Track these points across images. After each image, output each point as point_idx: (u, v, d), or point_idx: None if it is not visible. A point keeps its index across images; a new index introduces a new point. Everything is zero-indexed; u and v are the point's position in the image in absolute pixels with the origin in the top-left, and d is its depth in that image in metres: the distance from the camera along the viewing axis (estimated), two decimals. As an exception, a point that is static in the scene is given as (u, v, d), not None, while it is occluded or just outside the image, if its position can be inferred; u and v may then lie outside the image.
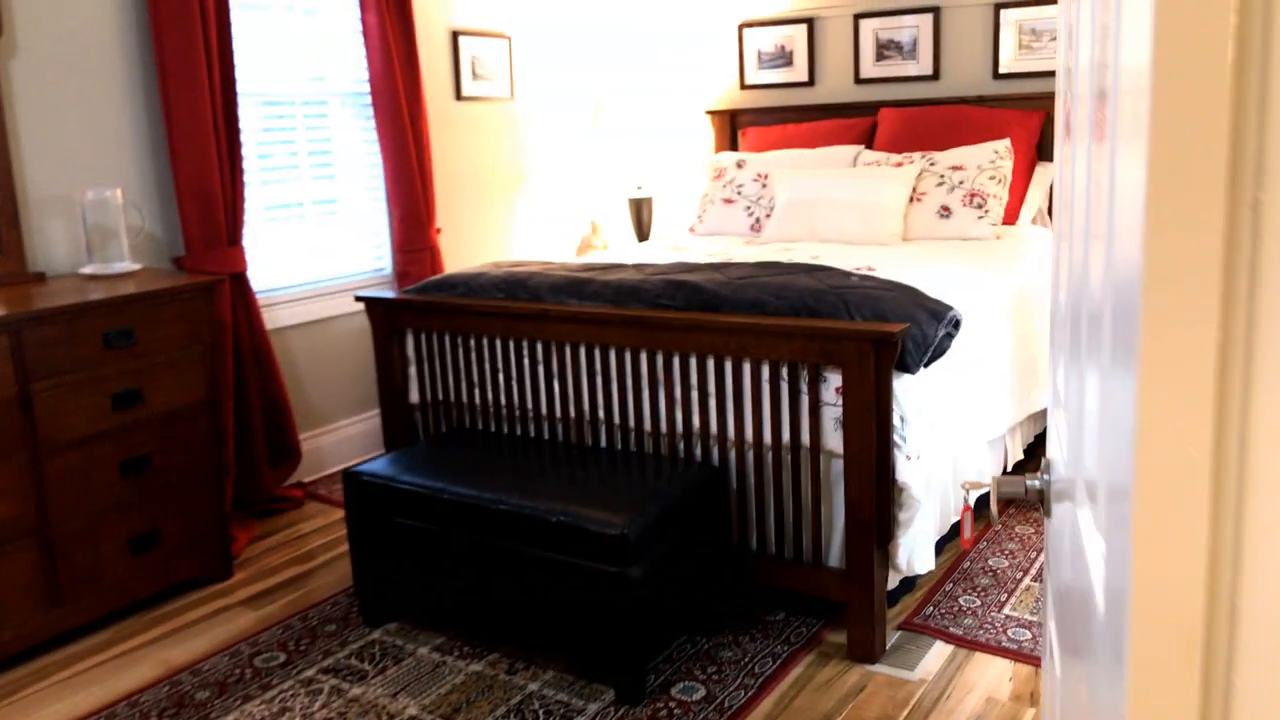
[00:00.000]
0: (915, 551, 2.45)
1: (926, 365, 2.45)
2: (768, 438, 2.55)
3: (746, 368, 2.55)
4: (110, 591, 2.82)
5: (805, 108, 4.66)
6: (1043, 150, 4.10)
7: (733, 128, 4.88)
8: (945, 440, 2.53)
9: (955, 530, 2.73)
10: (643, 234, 5.02)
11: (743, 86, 4.89)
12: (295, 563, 3.27)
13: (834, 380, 2.43)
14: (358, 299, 3.26)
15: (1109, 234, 0.68)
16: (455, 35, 4.48)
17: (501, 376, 3.02)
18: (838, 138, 4.36)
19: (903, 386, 2.40)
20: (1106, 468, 0.67)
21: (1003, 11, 4.15)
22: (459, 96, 4.53)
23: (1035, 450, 3.81)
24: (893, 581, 2.55)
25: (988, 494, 2.72)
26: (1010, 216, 3.92)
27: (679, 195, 5.18)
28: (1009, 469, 3.22)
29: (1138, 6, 0.58)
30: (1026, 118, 4.01)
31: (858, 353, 2.34)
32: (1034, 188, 4.04)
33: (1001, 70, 4.20)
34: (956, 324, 2.55)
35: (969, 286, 3.06)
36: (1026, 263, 3.51)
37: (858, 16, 4.49)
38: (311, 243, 3.99)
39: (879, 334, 2.31)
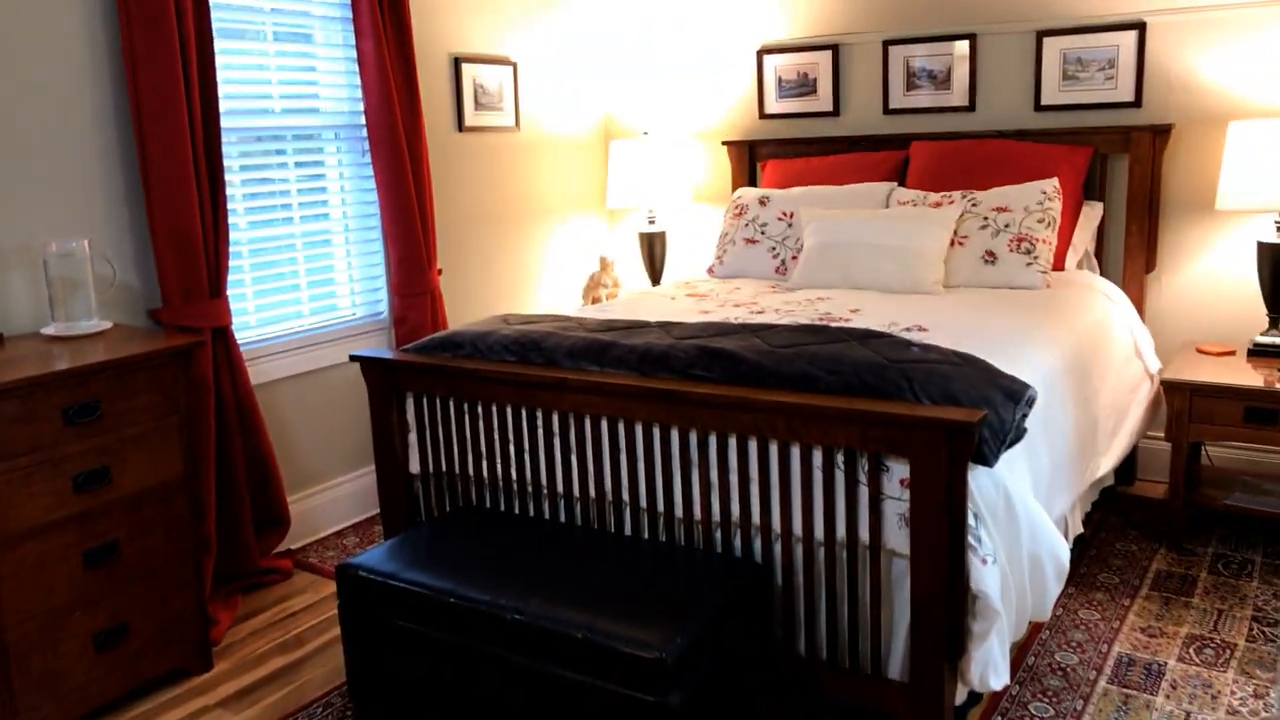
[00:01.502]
0: (990, 665, 2.15)
1: (1002, 454, 2.15)
2: (819, 532, 2.25)
3: (795, 452, 2.25)
4: (72, 697, 2.49)
5: (830, 139, 4.37)
6: (1089, 189, 3.82)
7: (751, 160, 4.59)
8: (1021, 533, 2.22)
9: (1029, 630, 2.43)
10: (655, 272, 4.72)
11: (762, 116, 4.60)
12: (283, 649, 2.95)
13: (898, 471, 2.12)
14: (353, 358, 2.95)
15: None
16: (457, 62, 4.19)
17: (513, 448, 2.71)
18: (867, 173, 4.07)
19: (976, 479, 2.10)
20: None
21: (1045, 39, 3.86)
22: (461, 127, 4.24)
23: (1089, 518, 3.52)
24: (960, 695, 2.25)
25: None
26: (1057, 261, 3.63)
27: (694, 231, 4.89)
28: (1068, 545, 2.91)
29: None
30: (1073, 154, 3.72)
31: (928, 443, 2.04)
32: (1079, 230, 3.75)
33: (1044, 102, 3.91)
34: (1031, 402, 2.26)
35: (1029, 345, 2.76)
36: (1081, 313, 3.22)
37: (887, 43, 4.21)
38: (302, 287, 3.68)
39: (953, 424, 2.00)
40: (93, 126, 2.95)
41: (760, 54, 4.55)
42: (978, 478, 2.11)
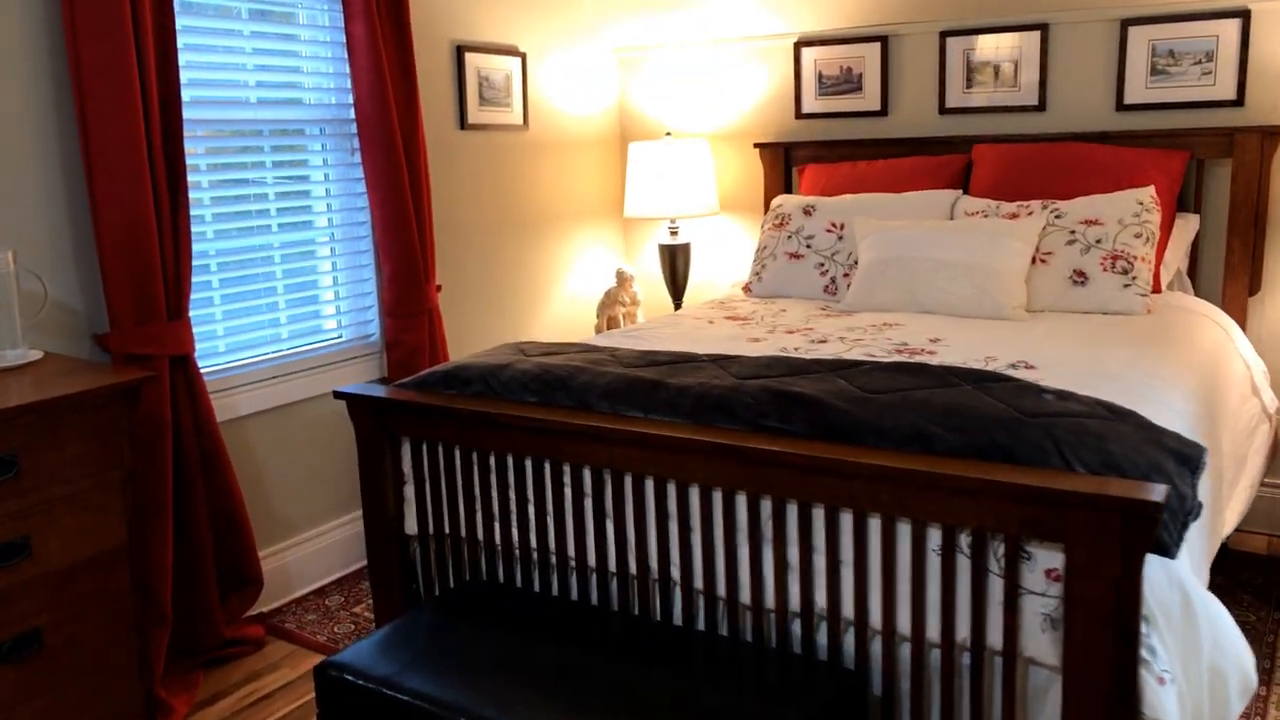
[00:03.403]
0: (1162, 812, 1.66)
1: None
2: (933, 632, 1.76)
3: (904, 531, 1.76)
4: (-21, 826, 1.99)
5: (877, 142, 3.89)
6: (1183, 199, 3.35)
7: (787, 164, 4.11)
8: (1201, 641, 1.74)
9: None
10: (677, 289, 4.24)
11: (799, 115, 4.12)
12: (249, 745, 2.45)
13: (1043, 560, 1.64)
14: (337, 395, 2.46)
15: None
16: (460, 51, 3.71)
17: (533, 510, 2.22)
18: (924, 180, 3.59)
19: (1147, 571, 1.62)
20: None
21: (1131, 29, 3.40)
22: (463, 124, 3.75)
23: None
24: (1114, 842, 1.75)
25: None
26: (1154, 282, 3.15)
27: (721, 243, 4.41)
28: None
29: None
30: (1165, 160, 3.25)
31: (1093, 527, 1.55)
32: (1172, 246, 3.28)
33: (1127, 101, 3.44)
34: (1204, 468, 1.78)
35: (1157, 386, 2.28)
36: (1195, 344, 2.74)
37: (944, 34, 3.74)
38: (280, 306, 3.18)
39: (1132, 502, 1.52)
40: (23, 114, 2.46)
41: (798, 46, 4.07)
42: (1148, 569, 1.62)
